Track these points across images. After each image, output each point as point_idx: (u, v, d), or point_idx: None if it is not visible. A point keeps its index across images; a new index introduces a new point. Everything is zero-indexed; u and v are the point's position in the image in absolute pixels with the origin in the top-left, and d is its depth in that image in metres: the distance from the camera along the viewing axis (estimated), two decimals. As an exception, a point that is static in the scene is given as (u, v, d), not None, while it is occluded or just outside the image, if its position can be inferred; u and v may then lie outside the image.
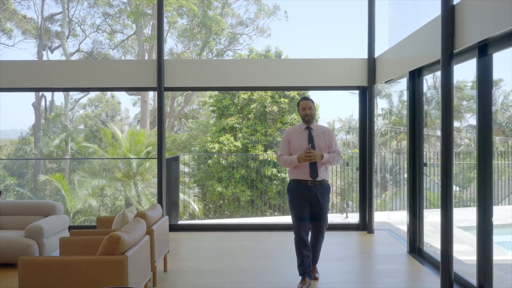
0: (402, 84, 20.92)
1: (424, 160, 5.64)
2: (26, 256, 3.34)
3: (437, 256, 5.22)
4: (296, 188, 4.33)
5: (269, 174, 14.10)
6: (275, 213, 14.75)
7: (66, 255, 3.98)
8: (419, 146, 5.58)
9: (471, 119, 20.20)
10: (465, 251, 6.29)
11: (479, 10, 3.85)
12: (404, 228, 7.24)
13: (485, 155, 4.01)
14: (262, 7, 21.72)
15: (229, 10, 21.80)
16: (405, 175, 14.37)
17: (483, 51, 3.98)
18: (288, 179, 5.24)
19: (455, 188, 11.83)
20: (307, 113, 4.35)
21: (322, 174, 4.30)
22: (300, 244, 4.33)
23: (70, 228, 6.14)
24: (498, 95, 20.09)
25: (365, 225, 6.98)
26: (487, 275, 4.08)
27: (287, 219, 10.65)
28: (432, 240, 6.41)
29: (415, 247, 5.63)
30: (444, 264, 4.26)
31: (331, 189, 4.45)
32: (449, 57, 4.10)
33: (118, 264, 3.27)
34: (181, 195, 12.52)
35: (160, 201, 6.86)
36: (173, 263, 5.24)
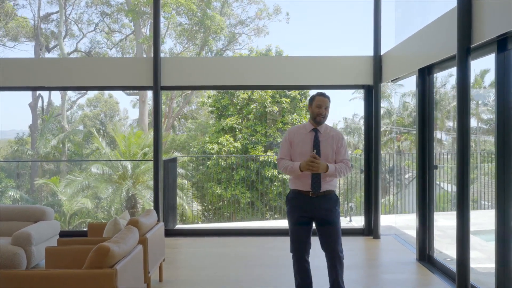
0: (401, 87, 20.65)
1: (434, 163, 5.35)
2: (5, 270, 3.04)
3: (449, 264, 4.95)
4: (295, 199, 3.66)
5: (269, 175, 13.82)
6: (276, 215, 14.45)
7: (52, 266, 3.70)
8: (429, 148, 5.29)
9: (472, 120, 19.88)
10: (476, 257, 6.00)
11: (498, 2, 3.56)
12: (411, 232, 6.95)
13: (505, 155, 3.72)
14: (263, 8, 21.39)
15: (229, 10, 21.48)
16: (406, 176, 14.12)
17: (503, 45, 3.70)
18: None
19: (456, 189, 11.60)
20: (321, 112, 3.60)
21: (326, 185, 3.60)
22: (298, 263, 3.69)
23: (61, 233, 5.84)
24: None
25: (370, 230, 6.69)
26: (507, 285, 3.79)
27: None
28: (441, 245, 6.12)
29: (425, 254, 5.34)
30: (461, 273, 3.98)
31: (339, 201, 3.72)
32: (466, 52, 3.82)
33: (107, 278, 2.98)
34: (178, 199, 12.23)
35: (156, 205, 6.57)
36: (169, 271, 4.95)
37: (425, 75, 5.27)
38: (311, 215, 3.64)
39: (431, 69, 5.17)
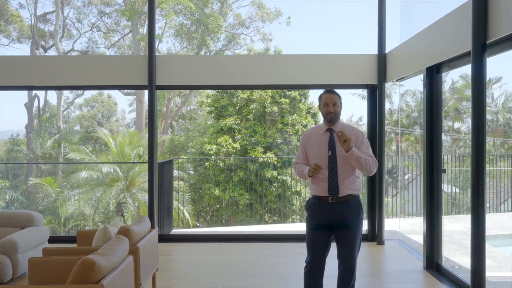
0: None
1: (443, 166, 5.09)
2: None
3: (458, 272, 4.69)
4: (314, 206, 3.40)
5: (268, 176, 13.56)
6: (274, 217, 14.19)
7: (35, 278, 3.42)
8: (437, 150, 5.03)
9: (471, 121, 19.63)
10: (486, 265, 5.73)
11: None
12: (416, 238, 6.69)
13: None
14: (264, 10, 21.06)
15: (228, 10, 21.17)
16: (405, 177, 13.86)
17: (521, 41, 3.44)
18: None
19: (456, 191, 11.37)
20: (330, 110, 3.32)
21: (345, 189, 3.30)
22: (310, 275, 3.40)
23: (50, 239, 5.57)
24: (500, 95, 19.70)
25: (374, 235, 6.42)
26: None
27: (289, 227, 10.09)
28: (448, 252, 5.86)
29: (433, 262, 5.07)
30: (476, 285, 3.72)
31: (362, 207, 3.41)
32: (481, 49, 3.56)
33: (92, 295, 2.71)
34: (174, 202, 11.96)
35: (151, 209, 6.30)
36: (163, 281, 4.68)
37: (433, 74, 5.01)
38: (330, 222, 3.35)
39: (439, 67, 4.91)
